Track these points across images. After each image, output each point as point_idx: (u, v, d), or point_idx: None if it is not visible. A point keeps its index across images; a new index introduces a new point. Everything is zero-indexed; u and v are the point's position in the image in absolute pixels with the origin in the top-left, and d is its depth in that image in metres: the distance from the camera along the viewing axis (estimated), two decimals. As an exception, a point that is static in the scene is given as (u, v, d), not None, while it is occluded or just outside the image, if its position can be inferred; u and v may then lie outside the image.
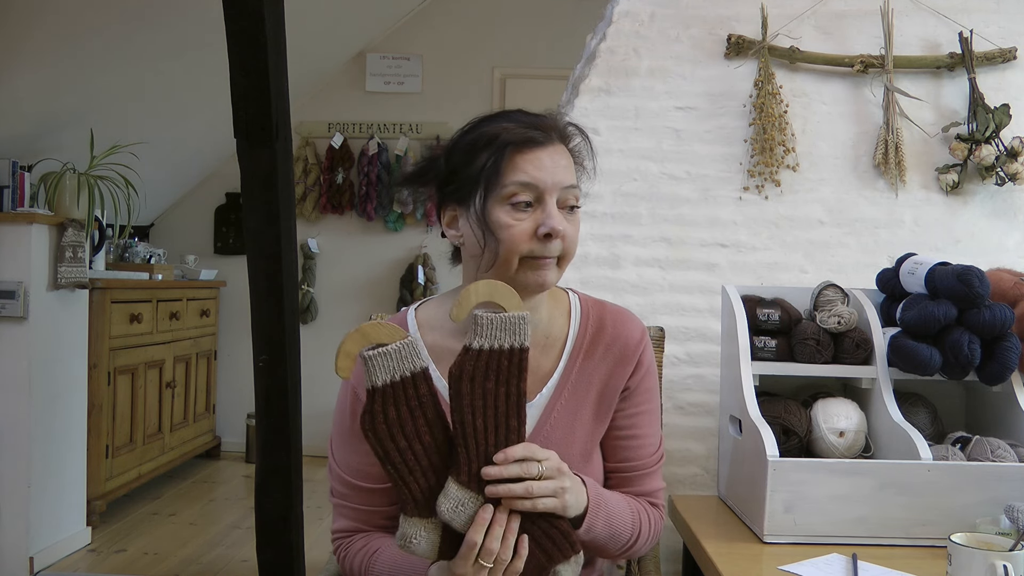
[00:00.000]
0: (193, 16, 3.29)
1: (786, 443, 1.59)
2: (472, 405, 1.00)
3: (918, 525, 1.45)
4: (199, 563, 3.10)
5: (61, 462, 3.10)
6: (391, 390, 0.99)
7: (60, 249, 3.02)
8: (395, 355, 0.99)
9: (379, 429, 0.99)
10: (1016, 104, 2.06)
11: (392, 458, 0.99)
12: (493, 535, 0.99)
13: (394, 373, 0.99)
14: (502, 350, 1.01)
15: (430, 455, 1.01)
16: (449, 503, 1.00)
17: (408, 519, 1.02)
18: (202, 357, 4.54)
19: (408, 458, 1.00)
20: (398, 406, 0.99)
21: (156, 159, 4.00)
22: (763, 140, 2.07)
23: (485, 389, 1.00)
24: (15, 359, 2.89)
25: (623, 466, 1.25)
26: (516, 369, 1.02)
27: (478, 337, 1.01)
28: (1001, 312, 1.54)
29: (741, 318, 1.68)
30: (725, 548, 1.47)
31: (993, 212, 2.10)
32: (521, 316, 1.02)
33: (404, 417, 0.99)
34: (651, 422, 1.27)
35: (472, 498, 1.01)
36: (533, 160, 1.13)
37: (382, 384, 0.99)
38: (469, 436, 1.00)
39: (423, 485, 1.01)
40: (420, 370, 1.01)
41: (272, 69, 1.85)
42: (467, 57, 4.80)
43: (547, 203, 1.13)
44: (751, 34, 2.11)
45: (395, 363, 0.99)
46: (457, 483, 1.01)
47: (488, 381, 1.01)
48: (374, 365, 0.98)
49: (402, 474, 1.00)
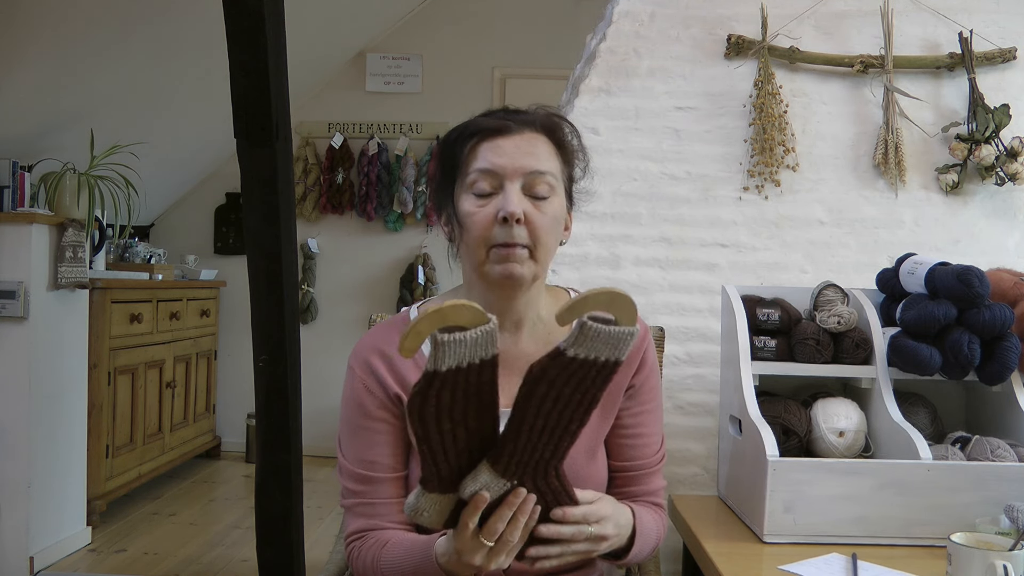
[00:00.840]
0: (193, 16, 3.29)
1: (786, 443, 1.59)
2: (540, 408, 0.93)
3: (918, 525, 1.45)
4: (199, 563, 3.10)
5: (61, 462, 3.10)
6: (453, 376, 0.90)
7: (60, 249, 3.02)
8: (472, 343, 0.89)
9: (427, 413, 0.91)
10: (1016, 104, 2.06)
11: (431, 439, 0.93)
12: (500, 515, 0.97)
13: (463, 360, 0.89)
14: (596, 362, 0.93)
15: (471, 439, 0.94)
16: (475, 486, 0.96)
17: (425, 494, 0.97)
18: (202, 357, 4.54)
19: (447, 440, 0.93)
20: (455, 391, 0.91)
21: (156, 159, 4.00)
22: (763, 140, 2.07)
23: (560, 394, 0.93)
24: (15, 359, 2.89)
25: (627, 465, 1.24)
26: (602, 380, 0.94)
27: (577, 346, 0.92)
28: (1001, 312, 1.54)
29: (741, 318, 1.68)
30: (725, 548, 1.47)
31: (993, 212, 2.10)
32: (630, 332, 0.93)
33: (457, 401, 0.91)
34: (655, 421, 1.26)
35: (500, 485, 0.96)
36: (494, 148, 1.12)
37: (446, 369, 0.89)
38: (524, 433, 0.94)
39: (453, 466, 0.95)
40: (491, 357, 0.91)
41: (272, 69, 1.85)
42: (467, 57, 4.80)
43: (507, 188, 1.11)
44: (751, 34, 2.11)
45: (469, 350, 0.89)
46: (491, 471, 0.95)
47: (567, 387, 0.93)
48: (445, 350, 0.88)
49: (435, 453, 0.94)
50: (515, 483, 0.97)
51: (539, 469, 0.98)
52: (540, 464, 0.97)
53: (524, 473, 0.97)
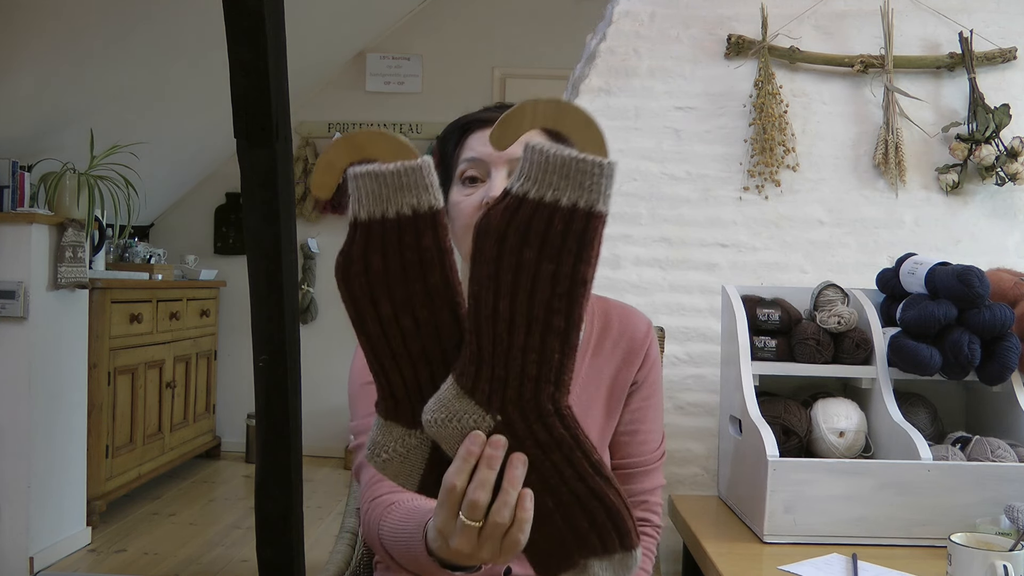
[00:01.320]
0: (193, 16, 3.29)
1: (786, 443, 1.59)
2: (497, 277, 0.68)
3: (918, 525, 1.45)
4: (199, 563, 3.10)
5: (61, 462, 3.10)
6: (379, 228, 0.70)
7: (60, 249, 3.02)
8: (391, 179, 0.69)
9: (355, 282, 0.71)
10: (1016, 104, 2.06)
11: (368, 327, 0.72)
12: (480, 480, 0.70)
13: (386, 205, 0.70)
14: (558, 206, 0.67)
15: (425, 339, 0.72)
16: (439, 412, 0.71)
17: (383, 423, 0.75)
18: (202, 357, 4.53)
19: (392, 332, 0.71)
20: (387, 255, 0.70)
21: (156, 159, 4.00)
22: (763, 140, 2.07)
23: (521, 259, 0.68)
24: (15, 359, 2.89)
25: (624, 463, 1.21)
26: (576, 244, 0.68)
27: (525, 178, 0.68)
28: (1001, 312, 1.54)
29: (741, 318, 1.68)
30: (725, 548, 1.47)
31: (993, 212, 2.10)
32: (601, 163, 0.67)
33: (394, 273, 0.70)
34: (655, 417, 1.24)
35: (475, 412, 0.71)
36: (480, 138, 1.11)
37: (367, 217, 0.70)
38: (485, 322, 0.69)
39: (408, 377, 0.73)
40: (427, 209, 0.70)
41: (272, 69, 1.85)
42: (467, 57, 4.80)
43: (492, 175, 1.09)
44: (751, 34, 2.11)
45: (390, 191, 0.70)
46: (457, 387, 0.71)
47: (528, 249, 0.68)
48: (360, 187, 0.70)
49: (379, 353, 0.72)
50: (497, 417, 0.71)
51: (528, 396, 0.70)
52: (527, 386, 0.70)
53: (506, 400, 0.70)
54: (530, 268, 0.68)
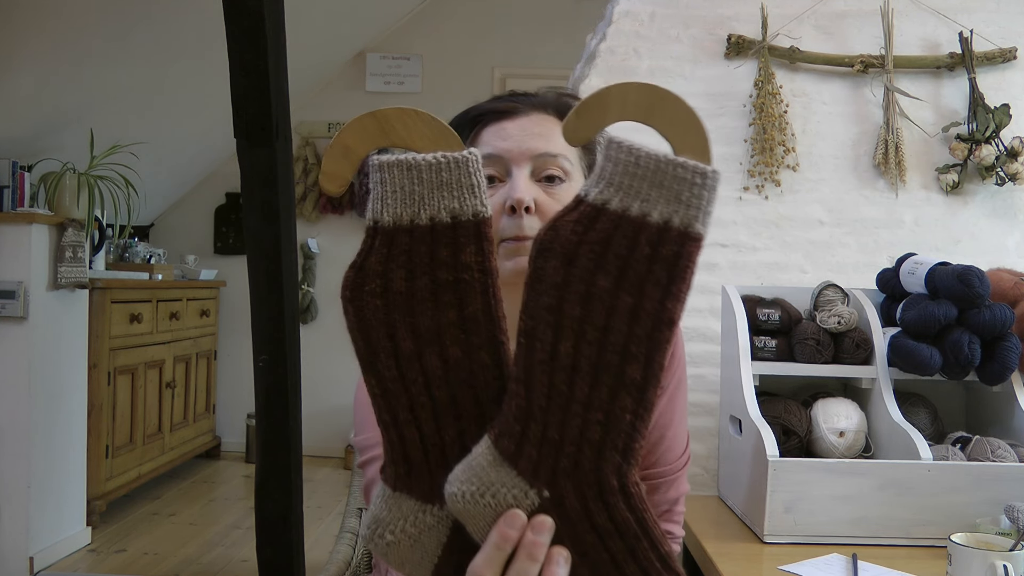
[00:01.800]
0: (193, 16, 3.29)
1: (786, 443, 1.58)
2: (560, 310, 0.53)
3: (918, 525, 1.45)
4: (199, 563, 3.10)
5: (61, 462, 3.10)
6: (406, 238, 0.55)
7: (60, 249, 3.02)
8: (428, 173, 0.55)
9: (368, 304, 0.55)
10: (1016, 104, 2.06)
11: (380, 365, 0.56)
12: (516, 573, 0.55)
13: (418, 208, 0.55)
14: (646, 222, 0.53)
15: (456, 386, 0.56)
16: (469, 484, 0.55)
17: (390, 495, 0.59)
18: (202, 357, 4.54)
19: (411, 375, 0.55)
20: (414, 272, 0.55)
21: (156, 159, 4.00)
22: (763, 140, 2.07)
23: (593, 288, 0.53)
24: (15, 359, 2.89)
25: (650, 473, 1.08)
26: (665, 272, 0.53)
27: (606, 183, 0.54)
28: (1001, 312, 1.54)
29: (741, 318, 1.68)
30: (725, 548, 1.47)
31: (993, 212, 2.10)
32: (705, 171, 0.54)
33: (420, 297, 0.55)
34: (681, 420, 1.11)
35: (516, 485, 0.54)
36: (498, 131, 0.99)
37: (391, 222, 0.55)
38: (540, 368, 0.53)
39: (429, 435, 0.57)
40: (472, 217, 0.55)
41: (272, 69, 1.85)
42: (467, 57, 4.80)
43: (514, 174, 0.95)
44: (751, 34, 2.11)
45: (425, 189, 0.55)
46: (495, 451, 0.55)
47: (603, 275, 0.53)
48: (386, 181, 0.56)
49: (392, 402, 0.56)
50: (544, 493, 0.55)
51: (588, 467, 0.54)
52: (587, 454, 0.54)
53: (558, 470, 0.54)
54: (604, 300, 0.52)
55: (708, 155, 0.55)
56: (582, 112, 0.55)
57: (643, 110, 0.55)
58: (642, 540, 0.55)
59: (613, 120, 0.55)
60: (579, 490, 0.55)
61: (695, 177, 0.53)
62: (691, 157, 0.54)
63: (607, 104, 0.55)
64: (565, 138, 0.57)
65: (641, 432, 0.55)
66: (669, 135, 0.55)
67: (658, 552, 0.56)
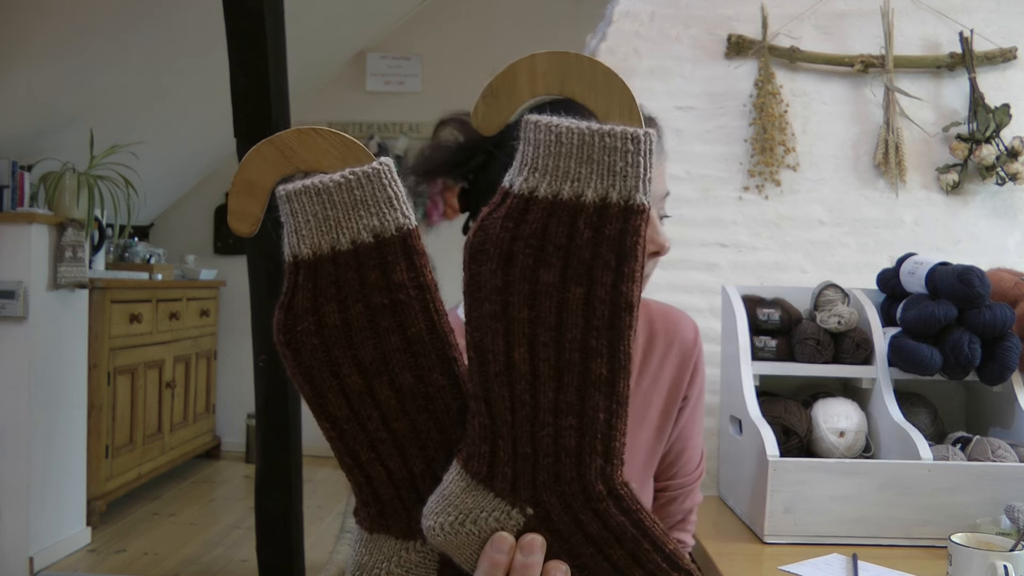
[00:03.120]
0: (193, 16, 3.29)
1: (786, 443, 1.58)
2: (506, 316, 0.49)
3: (918, 525, 1.45)
4: (199, 563, 3.10)
5: (61, 462, 3.10)
6: (330, 267, 0.51)
7: (60, 249, 3.02)
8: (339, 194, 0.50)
9: (304, 345, 0.52)
10: (1016, 104, 2.06)
11: (331, 407, 0.53)
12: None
13: (336, 233, 0.51)
14: (582, 203, 0.48)
15: (414, 413, 0.53)
16: (445, 514, 0.52)
17: (368, 539, 0.56)
18: (202, 357, 4.54)
19: (365, 411, 0.52)
20: (346, 303, 0.51)
21: (156, 159, 4.00)
22: (763, 140, 2.07)
23: (538, 286, 0.49)
24: (15, 359, 2.89)
25: (668, 484, 1.08)
26: (613, 253, 0.49)
27: (530, 169, 0.49)
28: (1001, 312, 1.54)
29: (741, 318, 1.68)
30: (725, 548, 1.47)
31: (993, 212, 2.10)
32: (636, 134, 0.49)
33: (358, 327, 0.51)
34: (699, 431, 1.11)
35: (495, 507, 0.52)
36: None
37: (310, 254, 0.51)
38: (497, 381, 0.50)
39: (396, 470, 0.54)
40: (394, 232, 0.52)
41: (272, 69, 1.85)
42: (467, 57, 4.80)
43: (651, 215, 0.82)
44: (751, 34, 2.11)
45: (339, 212, 0.51)
46: (467, 475, 0.52)
47: (545, 269, 0.49)
48: (296, 212, 0.51)
49: (351, 443, 0.53)
50: (527, 510, 0.52)
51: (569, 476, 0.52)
52: (566, 463, 0.52)
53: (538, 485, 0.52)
54: (552, 296, 0.49)
55: (637, 117, 0.50)
56: (489, 95, 0.50)
57: (556, 80, 0.50)
58: (642, 543, 0.52)
59: (526, 98, 0.50)
60: (565, 502, 0.52)
61: (626, 144, 0.48)
62: (618, 122, 0.49)
63: (515, 81, 0.50)
64: (476, 126, 0.51)
65: (619, 429, 0.51)
66: (590, 102, 0.50)
67: (663, 552, 0.53)
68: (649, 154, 0.49)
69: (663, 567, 0.52)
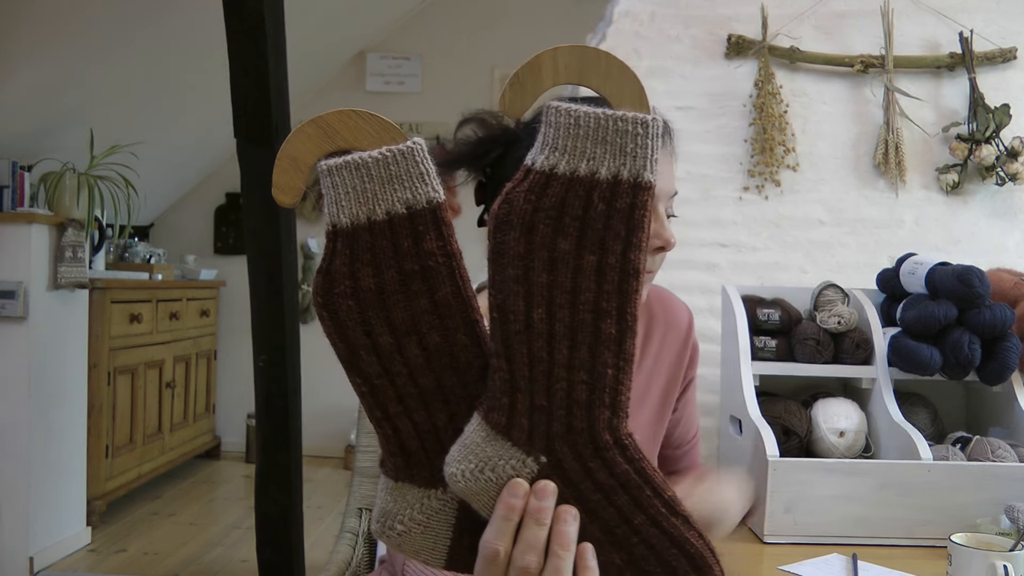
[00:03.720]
0: (193, 16, 3.29)
1: (786, 443, 1.58)
2: (527, 280, 0.54)
3: (918, 525, 1.45)
4: (199, 563, 3.10)
5: (61, 462, 3.10)
6: (367, 236, 0.56)
7: (60, 249, 3.02)
8: (376, 170, 0.56)
9: (341, 307, 0.57)
10: (1016, 104, 2.06)
11: (363, 364, 0.57)
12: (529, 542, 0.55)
13: (373, 205, 0.56)
14: (596, 180, 0.54)
15: (439, 371, 0.57)
16: (466, 462, 0.56)
17: (393, 487, 0.60)
18: (202, 357, 4.54)
19: (395, 368, 0.57)
20: (380, 268, 0.56)
21: (156, 159, 4.00)
22: (763, 140, 2.07)
23: (556, 253, 0.54)
24: (15, 359, 2.89)
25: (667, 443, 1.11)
26: (623, 225, 0.54)
27: (550, 148, 0.55)
28: (1001, 312, 1.54)
29: (741, 318, 1.68)
30: (725, 548, 1.46)
31: (993, 212, 2.10)
32: (645, 120, 0.55)
33: (391, 291, 0.56)
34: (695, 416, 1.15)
35: (512, 456, 0.56)
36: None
37: (349, 223, 0.56)
38: (517, 339, 0.55)
39: (421, 423, 0.58)
40: (425, 205, 0.57)
41: (272, 69, 1.85)
42: (467, 57, 4.80)
43: (659, 212, 0.96)
44: (751, 34, 2.11)
45: (376, 186, 0.56)
46: (487, 426, 0.56)
47: (563, 238, 0.54)
48: (336, 185, 0.56)
49: (381, 397, 0.58)
50: (541, 459, 0.56)
51: (580, 427, 0.56)
52: (578, 415, 0.56)
53: (552, 435, 0.56)
54: (568, 263, 0.54)
55: (646, 104, 0.56)
56: (516, 82, 0.57)
57: (576, 71, 0.56)
58: (644, 489, 0.57)
59: (548, 86, 0.57)
60: (575, 451, 0.56)
61: (636, 128, 0.54)
62: (629, 109, 0.55)
63: (539, 70, 0.57)
64: (503, 111, 0.58)
65: (625, 384, 0.56)
66: (605, 91, 0.56)
67: (662, 498, 0.58)
68: (656, 137, 0.55)
69: (662, 512, 0.58)
